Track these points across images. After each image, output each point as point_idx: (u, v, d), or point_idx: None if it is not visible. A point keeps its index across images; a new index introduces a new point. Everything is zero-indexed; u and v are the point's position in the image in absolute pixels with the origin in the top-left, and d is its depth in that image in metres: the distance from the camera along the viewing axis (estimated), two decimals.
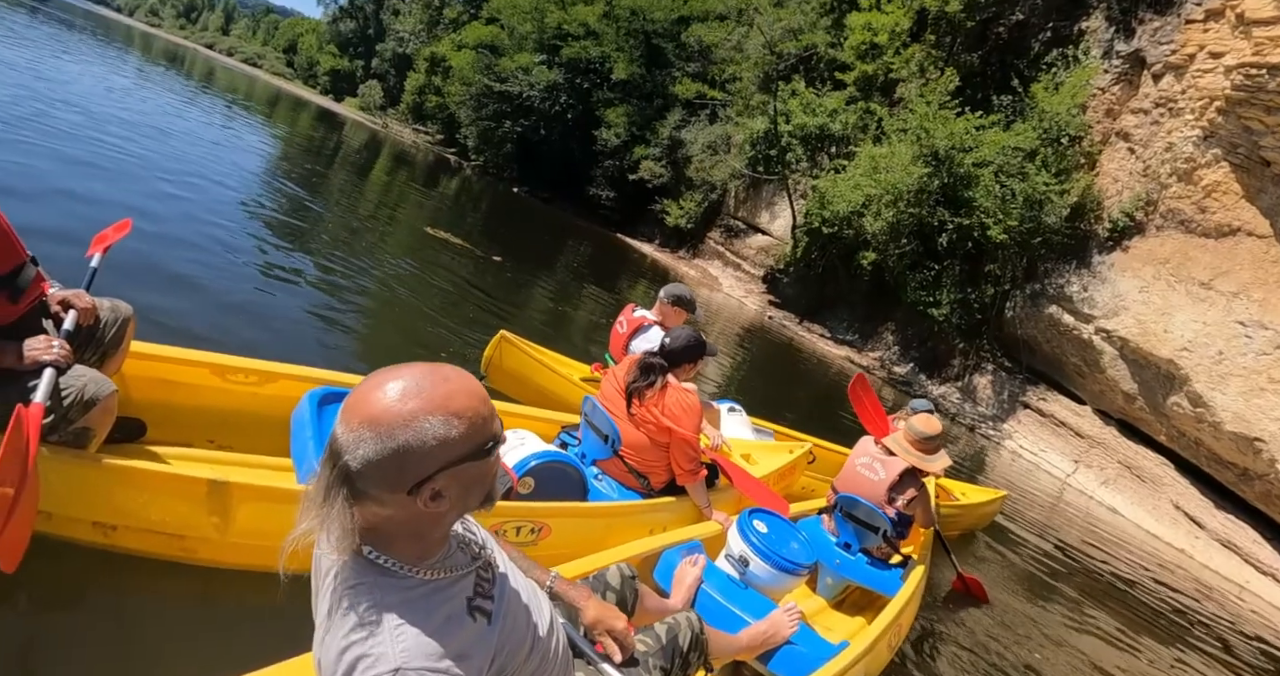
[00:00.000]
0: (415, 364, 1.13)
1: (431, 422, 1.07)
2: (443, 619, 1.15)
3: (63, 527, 2.27)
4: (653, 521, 3.58)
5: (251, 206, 9.59)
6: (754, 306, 22.00)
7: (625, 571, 2.21)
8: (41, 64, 15.87)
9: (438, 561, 1.21)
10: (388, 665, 1.04)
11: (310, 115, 40.31)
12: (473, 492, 1.17)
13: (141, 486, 2.30)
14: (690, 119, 29.00)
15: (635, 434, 3.56)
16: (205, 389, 3.13)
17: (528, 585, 1.45)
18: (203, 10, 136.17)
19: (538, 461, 3.28)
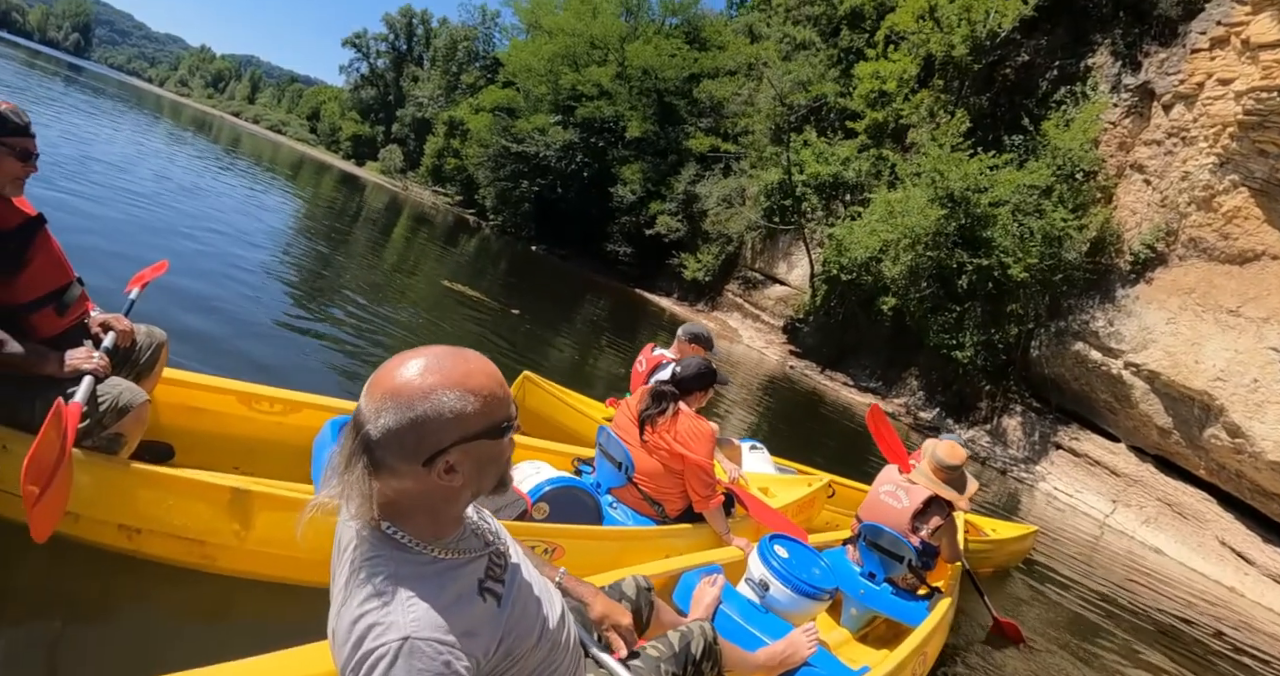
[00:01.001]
0: (437, 346, 1.19)
1: (449, 397, 1.13)
2: (454, 596, 1.20)
3: (90, 531, 2.36)
4: (668, 546, 3.55)
5: (278, 259, 9.99)
6: (775, 357, 21.97)
7: (641, 582, 2.21)
8: (81, 128, 16.59)
9: (452, 541, 1.27)
10: (397, 633, 1.09)
11: (333, 179, 41.41)
12: (486, 472, 1.23)
13: (167, 490, 2.40)
14: (705, 173, 29.58)
15: (648, 461, 3.58)
16: (232, 416, 3.25)
17: (540, 579, 1.49)
18: (230, 80, 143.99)
19: (552, 487, 3.33)
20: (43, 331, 2.41)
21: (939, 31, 20.12)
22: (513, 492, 3.17)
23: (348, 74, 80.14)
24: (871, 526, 4.10)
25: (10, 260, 2.31)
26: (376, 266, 13.13)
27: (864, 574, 4.07)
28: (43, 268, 2.42)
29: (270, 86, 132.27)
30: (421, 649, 1.09)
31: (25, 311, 2.37)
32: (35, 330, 2.39)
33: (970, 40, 19.31)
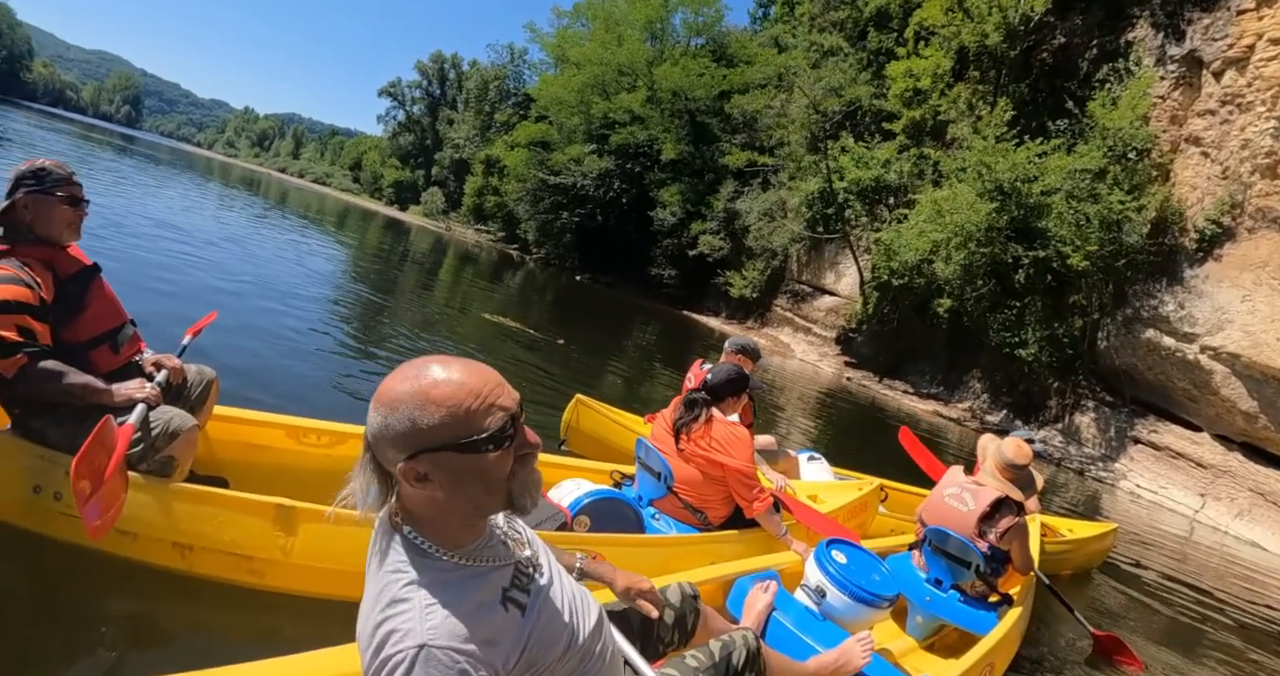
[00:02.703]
0: (436, 355, 1.22)
1: (410, 406, 1.15)
2: (475, 604, 1.21)
3: (146, 550, 2.56)
4: (713, 553, 3.53)
5: (327, 302, 10.43)
6: (830, 369, 21.68)
7: (687, 590, 2.17)
8: (137, 192, 17.46)
9: (474, 549, 1.28)
10: (414, 640, 1.12)
11: (378, 225, 42.74)
12: (469, 487, 1.21)
13: (217, 507, 2.60)
14: (743, 189, 29.68)
15: (687, 469, 3.61)
16: (282, 449, 3.45)
17: (577, 590, 1.50)
18: (274, 138, 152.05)
19: (591, 499, 3.39)
20: (100, 367, 2.67)
21: (970, 22, 19.91)
22: (551, 506, 3.26)
23: (385, 122, 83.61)
24: (936, 531, 3.89)
25: (71, 303, 2.61)
26: (424, 305, 13.45)
27: (929, 580, 3.88)
28: (99, 310, 2.72)
29: (313, 141, 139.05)
30: (437, 657, 1.11)
31: (84, 349, 2.64)
32: (93, 366, 2.64)
33: (1003, 27, 19.05)
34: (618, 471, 4.25)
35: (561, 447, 5.35)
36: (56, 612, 2.41)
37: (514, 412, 1.21)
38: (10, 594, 2.45)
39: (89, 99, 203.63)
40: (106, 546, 2.49)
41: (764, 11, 43.15)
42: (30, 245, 2.56)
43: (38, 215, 2.57)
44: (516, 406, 1.22)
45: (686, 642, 2.11)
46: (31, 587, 2.49)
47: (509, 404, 1.20)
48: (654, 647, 1.96)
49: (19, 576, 2.51)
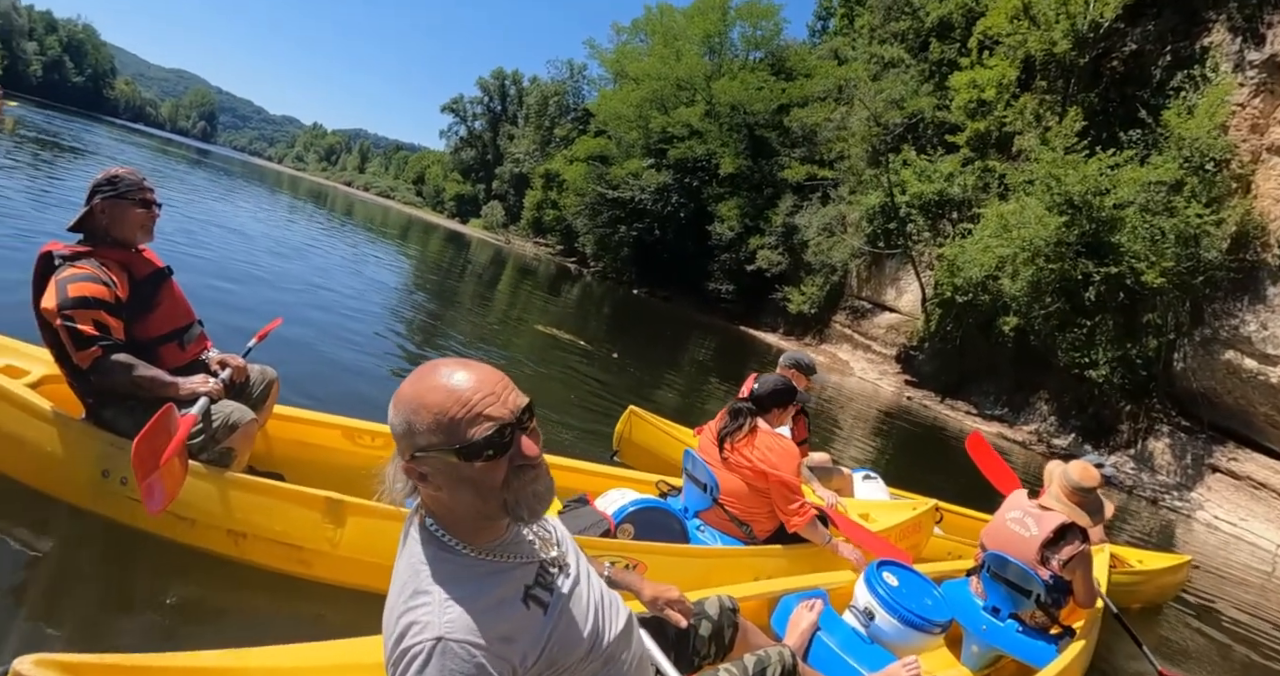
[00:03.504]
0: (450, 359, 1.25)
1: (407, 410, 1.20)
2: (495, 600, 1.24)
3: (202, 536, 2.72)
4: (757, 567, 3.51)
5: (388, 311, 10.87)
6: (890, 388, 21.33)
7: (726, 603, 2.15)
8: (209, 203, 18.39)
9: (496, 545, 1.31)
10: (431, 633, 1.14)
11: (440, 238, 43.87)
12: (462, 491, 1.22)
13: (270, 498, 2.76)
14: (802, 203, 29.53)
15: (732, 480, 3.60)
16: (336, 449, 3.60)
17: (606, 594, 1.51)
18: (341, 153, 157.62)
19: (635, 508, 3.42)
20: (168, 362, 2.86)
21: (1036, 29, 19.51)
22: (595, 513, 3.33)
23: (448, 138, 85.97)
24: (996, 556, 3.70)
25: (143, 302, 2.82)
26: (481, 316, 13.72)
27: (987, 608, 3.71)
28: (168, 310, 2.93)
29: (378, 155, 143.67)
30: (454, 650, 1.14)
31: (154, 345, 2.85)
32: (161, 361, 2.83)
33: (1071, 34, 18.61)
34: (664, 482, 4.27)
35: (614, 458, 5.37)
36: (118, 589, 2.59)
37: (506, 422, 1.19)
38: (77, 571, 2.62)
39: (167, 115, 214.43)
40: (166, 531, 2.68)
41: (823, 24, 43.12)
42: (108, 247, 2.78)
43: (113, 218, 2.79)
44: (513, 416, 1.20)
45: (724, 656, 2.07)
46: (96, 566, 2.64)
47: (500, 414, 1.19)
48: (689, 659, 1.93)
49: (86, 555, 2.67)
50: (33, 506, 2.71)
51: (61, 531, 2.70)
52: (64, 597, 2.50)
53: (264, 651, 1.81)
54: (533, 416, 1.25)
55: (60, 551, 2.66)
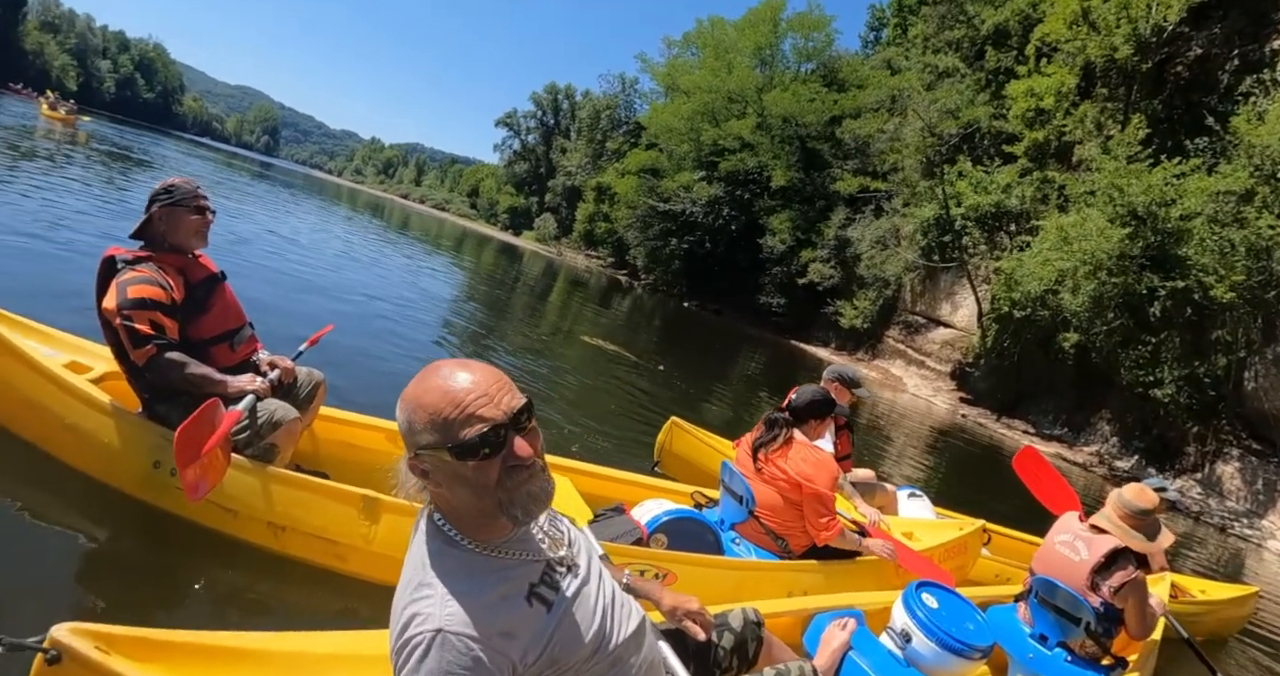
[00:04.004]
0: (452, 360, 1.29)
1: (408, 409, 1.25)
2: (498, 596, 1.27)
3: (244, 527, 2.86)
4: (791, 582, 3.49)
5: (439, 320, 11.26)
6: (944, 405, 20.90)
7: (750, 616, 2.13)
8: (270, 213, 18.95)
9: (501, 543, 1.33)
10: (432, 625, 1.18)
11: (493, 249, 44.63)
12: (459, 489, 1.26)
13: (310, 493, 2.90)
14: (855, 216, 29.32)
15: (767, 492, 3.59)
16: (380, 451, 3.69)
17: (619, 598, 1.52)
18: (398, 166, 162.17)
19: (670, 517, 3.45)
20: (219, 361, 3.04)
21: (1096, 35, 19.11)
22: (629, 521, 3.38)
23: (502, 151, 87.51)
24: (1044, 581, 3.53)
25: (197, 304, 3.02)
26: (531, 327, 13.98)
27: (1034, 636, 3.55)
28: (221, 312, 3.12)
29: (433, 169, 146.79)
30: (452, 642, 1.17)
31: (206, 345, 3.03)
32: (213, 360, 3.01)
33: (1133, 39, 18.19)
34: (700, 493, 4.27)
35: (655, 469, 5.37)
36: (161, 574, 2.75)
37: (499, 423, 1.22)
38: (125, 554, 2.80)
39: (232, 129, 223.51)
40: (210, 521, 2.84)
41: (875, 35, 42.89)
42: (166, 252, 2.99)
43: (170, 225, 2.99)
44: (506, 417, 1.23)
45: (747, 670, 2.06)
46: (143, 551, 2.82)
47: (493, 415, 1.22)
48: (709, 672, 1.92)
49: (134, 540, 2.85)
50: (89, 493, 2.90)
51: (113, 517, 2.88)
52: (110, 578, 2.67)
53: (290, 636, 1.92)
54: (531, 418, 1.28)
55: (110, 535, 2.84)
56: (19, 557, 2.57)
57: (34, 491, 2.90)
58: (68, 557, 2.67)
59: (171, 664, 1.68)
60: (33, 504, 2.84)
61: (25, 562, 2.56)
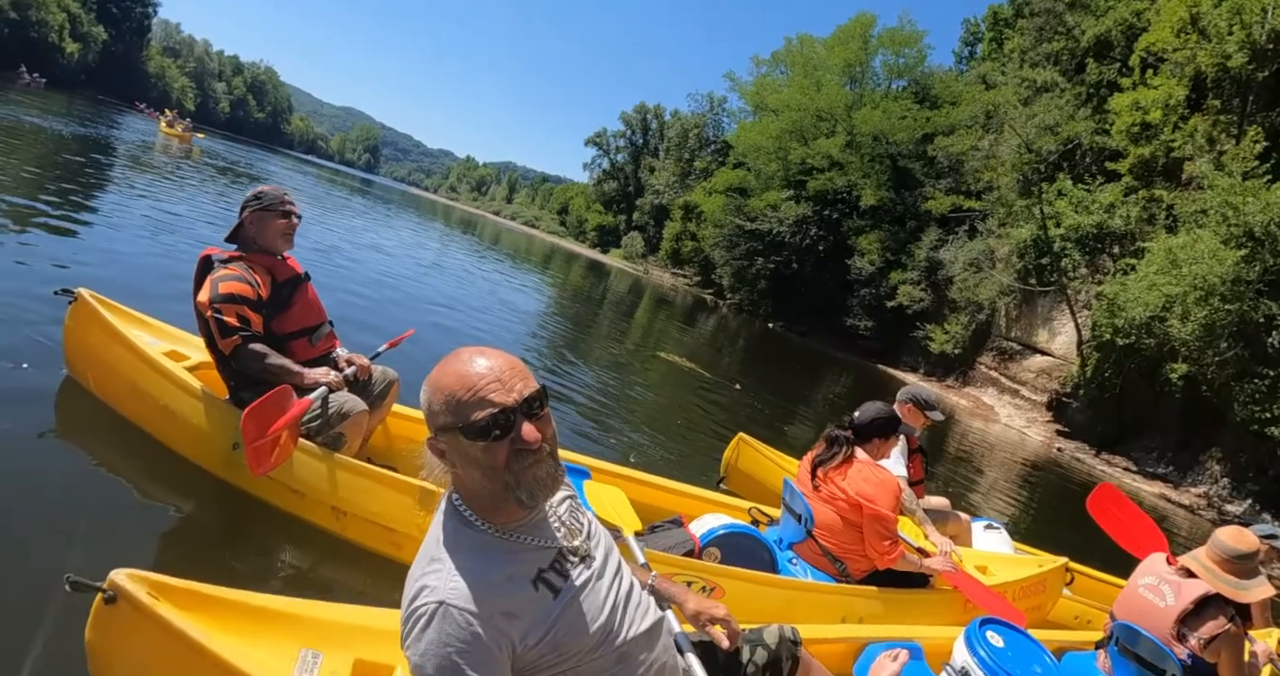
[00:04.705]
0: (473, 347, 1.37)
1: (428, 391, 1.33)
2: (504, 576, 1.32)
3: (309, 509, 3.10)
4: (845, 607, 3.40)
5: (521, 331, 11.83)
6: (1038, 437, 20.09)
7: (787, 633, 2.04)
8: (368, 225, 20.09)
9: (515, 526, 1.39)
10: (436, 597, 1.25)
11: (580, 266, 45.71)
12: (471, 470, 1.32)
13: (371, 481, 3.08)
14: (948, 237, 28.73)
15: (826, 512, 3.51)
16: None
17: (637, 596, 1.57)
18: (491, 184, 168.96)
19: (725, 532, 3.44)
20: (298, 355, 3.32)
21: (1206, 43, 18.27)
22: (683, 533, 3.42)
23: (591, 170, 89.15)
24: (1125, 627, 3.23)
25: (281, 302, 3.31)
26: (614, 342, 14.37)
27: None
28: (302, 309, 3.41)
29: (525, 187, 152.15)
30: (453, 616, 1.23)
31: (287, 339, 3.32)
32: (292, 353, 3.30)
33: (1247, 46, 17.27)
34: (757, 509, 4.23)
35: (720, 485, 5.34)
36: (228, 543, 3.05)
37: (508, 407, 1.28)
38: (198, 523, 3.11)
39: (336, 148, 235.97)
40: (279, 501, 3.12)
41: (970, 51, 41.85)
42: (255, 253, 3.30)
43: (258, 228, 3.30)
44: (516, 402, 1.29)
45: None
46: (215, 522, 3.14)
47: (503, 400, 1.28)
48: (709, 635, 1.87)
49: (209, 512, 3.16)
50: (175, 468, 3.24)
51: (194, 490, 3.19)
52: (180, 540, 2.98)
53: (324, 605, 2.09)
54: (543, 406, 1.34)
55: (188, 505, 3.15)
56: (105, 516, 2.91)
57: (129, 462, 3.27)
58: (147, 519, 2.99)
59: (213, 615, 1.87)
60: (125, 472, 3.20)
61: (110, 521, 2.90)
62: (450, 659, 1.21)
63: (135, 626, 1.73)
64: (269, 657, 1.84)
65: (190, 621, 1.76)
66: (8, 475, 2.93)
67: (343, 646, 1.99)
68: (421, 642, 1.23)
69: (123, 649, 1.76)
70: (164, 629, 1.72)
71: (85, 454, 3.29)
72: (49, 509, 2.84)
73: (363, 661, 1.98)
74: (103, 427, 3.41)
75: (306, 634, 1.98)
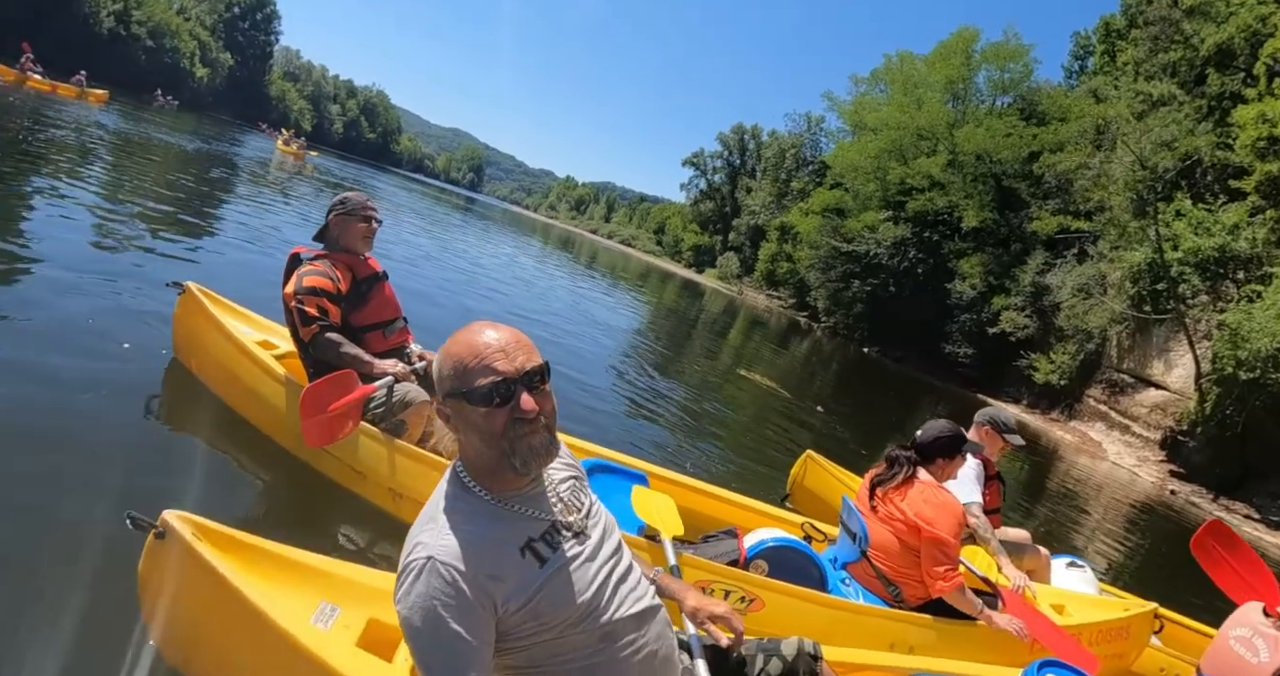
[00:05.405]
0: (484, 320, 1.47)
1: (439, 357, 1.44)
2: (494, 540, 1.40)
3: (369, 490, 3.37)
4: (894, 634, 3.27)
5: (609, 345, 12.24)
6: (1149, 478, 18.99)
7: (806, 647, 1.96)
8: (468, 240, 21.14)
9: (513, 496, 1.48)
10: (425, 552, 1.33)
11: (675, 285, 46.49)
12: (471, 435, 1.42)
13: (427, 466, 3.30)
14: (1055, 261, 27.66)
15: (882, 532, 3.39)
16: None
17: (635, 580, 1.60)
18: (589, 203, 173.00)
19: (774, 544, 3.38)
20: (371, 346, 3.63)
21: None
22: (731, 543, 3.44)
23: (688, 190, 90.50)
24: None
25: (359, 297, 3.67)
26: (704, 360, 14.77)
27: None
28: (379, 305, 3.75)
29: (623, 206, 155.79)
30: (439, 570, 1.30)
31: (362, 331, 3.65)
32: (366, 344, 3.62)
33: None
34: (810, 524, 4.20)
35: (784, 502, 5.28)
36: (289, 508, 3.46)
37: (510, 377, 1.37)
38: (268, 490, 3.52)
39: (441, 167, 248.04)
40: (342, 479, 3.45)
41: (1080, 64, 40.29)
42: (339, 253, 3.68)
43: (341, 230, 3.69)
44: (518, 373, 1.38)
45: None
46: (283, 491, 3.54)
47: (506, 369, 1.37)
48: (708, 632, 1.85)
49: (280, 483, 3.55)
50: (255, 442, 3.67)
51: (268, 464, 3.59)
52: (244, 501, 3.38)
53: (352, 567, 2.28)
54: (544, 380, 1.43)
55: (260, 473, 3.57)
56: (185, 473, 3.36)
57: (216, 433, 3.72)
58: (221, 479, 3.44)
59: (246, 559, 2.09)
60: (211, 441, 3.66)
61: (189, 477, 3.34)
62: (436, 611, 1.29)
63: (177, 561, 1.98)
64: (290, 603, 2.03)
65: (224, 561, 1.99)
66: (110, 433, 3.43)
67: (361, 604, 2.15)
68: (410, 596, 1.31)
69: (165, 580, 2.01)
70: (200, 565, 1.95)
71: (178, 423, 3.81)
72: (135, 462, 3.29)
73: (376, 621, 2.13)
74: (198, 404, 3.89)
75: (329, 588, 2.16)
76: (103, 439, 3.35)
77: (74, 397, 3.60)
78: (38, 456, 3.05)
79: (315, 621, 2.03)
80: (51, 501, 2.80)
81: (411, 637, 1.31)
